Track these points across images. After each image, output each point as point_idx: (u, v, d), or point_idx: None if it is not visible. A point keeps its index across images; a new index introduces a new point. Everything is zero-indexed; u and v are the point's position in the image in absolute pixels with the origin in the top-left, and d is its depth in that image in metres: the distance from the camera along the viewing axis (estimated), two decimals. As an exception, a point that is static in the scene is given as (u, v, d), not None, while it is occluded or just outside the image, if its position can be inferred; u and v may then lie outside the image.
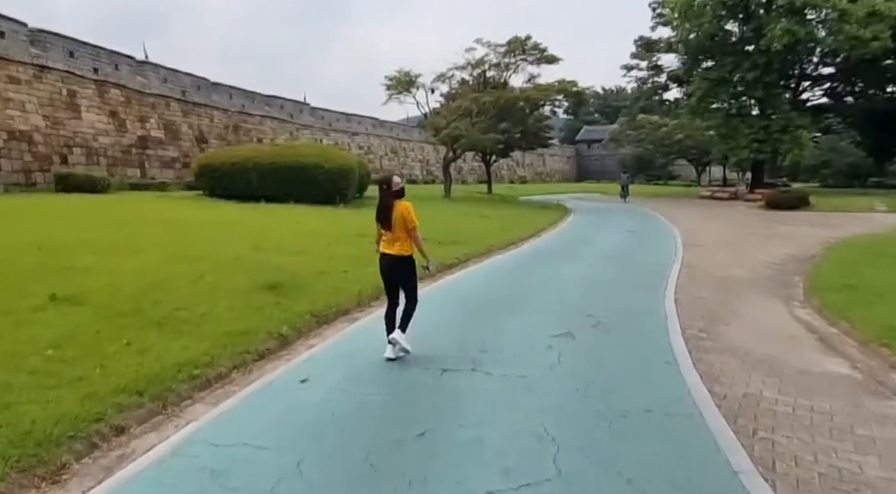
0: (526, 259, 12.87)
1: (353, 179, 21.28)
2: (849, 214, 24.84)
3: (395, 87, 27.88)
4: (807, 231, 18.62)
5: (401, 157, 55.43)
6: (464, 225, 17.84)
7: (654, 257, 13.23)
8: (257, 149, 21.18)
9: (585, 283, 10.13)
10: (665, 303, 8.69)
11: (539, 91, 28.48)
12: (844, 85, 46.12)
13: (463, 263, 12.28)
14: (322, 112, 47.32)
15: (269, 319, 6.96)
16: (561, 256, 13.29)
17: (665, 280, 10.42)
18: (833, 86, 46.15)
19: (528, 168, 73.16)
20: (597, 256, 13.39)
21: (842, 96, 46.84)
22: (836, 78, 44.29)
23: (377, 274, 8.82)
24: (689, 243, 15.44)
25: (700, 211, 26.99)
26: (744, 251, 14.12)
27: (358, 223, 15.93)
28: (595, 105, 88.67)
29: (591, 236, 17.40)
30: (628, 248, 14.90)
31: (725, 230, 18.81)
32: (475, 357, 6.07)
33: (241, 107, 39.22)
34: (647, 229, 19.59)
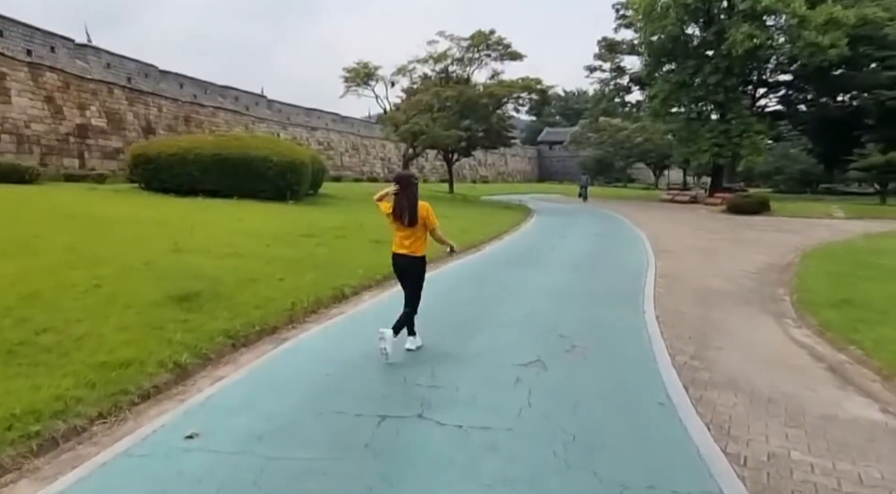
0: (488, 266, 11.59)
1: (306, 175, 19.68)
2: (809, 219, 24.46)
3: (353, 79, 26.30)
4: (774, 237, 17.92)
5: (362, 154, 53.72)
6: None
7: (626, 264, 12.13)
8: (199, 139, 19.37)
9: (554, 294, 8.90)
10: (645, 320, 7.52)
11: (503, 87, 27.28)
12: (797, 93, 46.60)
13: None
14: (279, 105, 45.24)
15: (168, 342, 5.46)
16: (526, 262, 12.07)
17: (641, 291, 9.28)
18: (787, 94, 46.56)
19: (490, 168, 72.25)
20: (564, 262, 12.21)
21: (794, 104, 47.33)
22: (791, 86, 44.64)
23: (318, 283, 7.49)
24: (658, 248, 14.43)
25: (663, 215, 26.26)
26: (717, 259, 13.17)
27: (307, 222, 14.41)
28: (557, 107, 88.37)
29: (557, 239, 16.26)
30: (597, 253, 13.80)
31: (693, 235, 17.95)
32: (424, 397, 4.74)
33: (192, 97, 36.95)
34: (614, 232, 18.59)
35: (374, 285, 9.22)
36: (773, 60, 39.14)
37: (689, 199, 36.03)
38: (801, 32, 31.15)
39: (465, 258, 12.65)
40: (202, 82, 38.09)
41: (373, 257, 10.93)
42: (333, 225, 14.20)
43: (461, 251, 13.33)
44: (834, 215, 25.76)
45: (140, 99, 32.74)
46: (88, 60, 29.40)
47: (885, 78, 35.74)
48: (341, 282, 8.65)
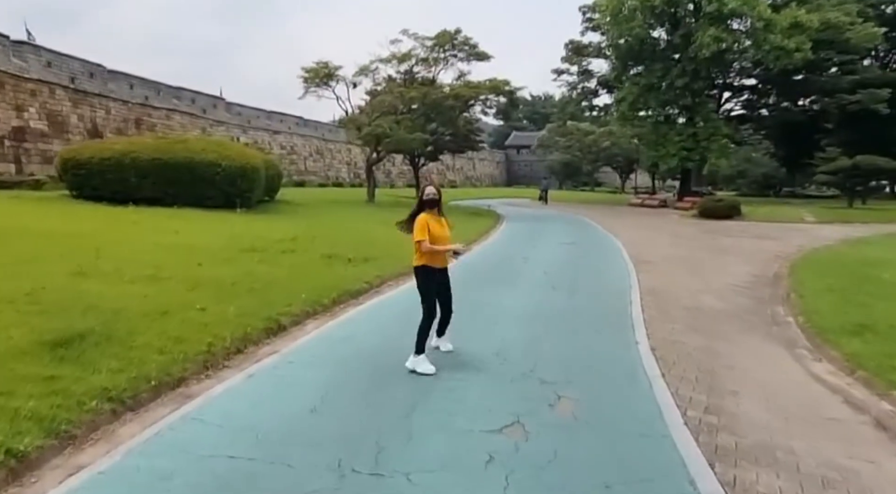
0: (453, 282, 10.20)
1: (259, 181, 18.04)
2: (781, 224, 23.77)
3: (312, 79, 24.67)
4: (753, 245, 16.99)
5: (326, 158, 51.94)
6: (383, 235, 15.04)
7: (607, 278, 10.90)
8: (138, 142, 17.52)
9: (529, 319, 7.58)
10: (640, 354, 6.25)
11: (469, 89, 25.97)
12: (760, 98, 46.62)
13: (375, 288, 9.51)
14: (239, 108, 43.25)
15: (11, 417, 3.93)
16: (496, 277, 10.73)
17: (628, 314, 8.03)
18: (750, 98, 46.52)
19: (458, 172, 71.15)
20: (538, 276, 10.92)
21: (757, 108, 47.33)
22: (754, 90, 44.58)
23: (249, 312, 6.09)
24: (638, 258, 13.27)
25: (635, 220, 25.31)
26: (701, 270, 12.05)
27: (253, 234, 12.84)
28: (524, 111, 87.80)
29: (528, 248, 15.00)
30: (573, 265, 12.55)
31: (670, 243, 16.91)
32: (362, 487, 3.35)
33: (144, 99, 34.81)
34: (588, 240, 17.43)
35: (320, 311, 7.77)
36: (738, 65, 38.88)
37: (659, 203, 35.34)
38: (766, 36, 30.73)
39: (429, 274, 11.29)
40: (154, 83, 35.93)
41: (323, 275, 9.48)
42: (283, 237, 12.65)
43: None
44: (805, 220, 25.17)
45: (85, 100, 30.51)
46: (26, 58, 27.14)
47: (847, 82, 35.69)
48: (279, 310, 7.18)
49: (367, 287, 9.33)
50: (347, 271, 10.06)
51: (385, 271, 10.47)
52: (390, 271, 10.53)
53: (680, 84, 32.65)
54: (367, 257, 11.37)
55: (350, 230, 15.42)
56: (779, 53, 30.81)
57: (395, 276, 10.46)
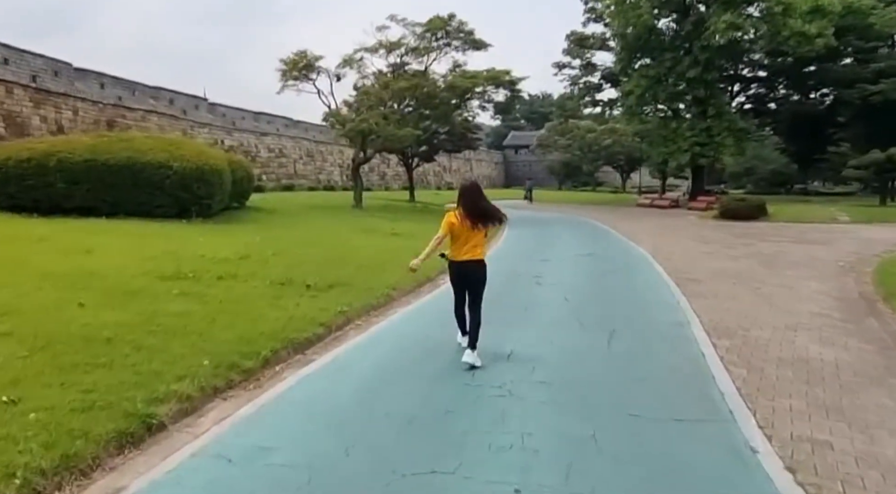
0: (444, 322, 7.37)
1: (221, 185, 15.21)
2: (816, 226, 20.99)
3: (290, 72, 21.84)
4: (802, 252, 14.19)
5: (318, 161, 49.08)
6: (362, 249, 12.23)
7: (650, 307, 8.06)
8: (69, 141, 14.60)
9: (555, 393, 4.76)
10: (771, 477, 3.43)
11: (466, 79, 23.09)
12: (769, 90, 43.92)
13: (335, 332, 6.69)
14: (223, 109, 40.34)
15: None
16: (502, 310, 7.88)
17: (708, 376, 5.21)
18: (759, 92, 43.81)
19: (455, 174, 68.29)
20: (558, 306, 8.11)
21: (766, 102, 44.63)
22: (764, 82, 41.86)
23: (104, 401, 3.37)
24: (677, 274, 10.46)
25: (652, 223, 22.50)
26: (765, 291, 9.23)
27: (194, 253, 10.00)
28: (522, 111, 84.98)
29: (539, 263, 12.17)
30: (600, 287, 9.71)
31: (707, 252, 14.08)
32: None
33: (117, 99, 31.96)
34: (608, 250, 14.58)
35: (237, 383, 4.96)
36: (749, 56, 36.18)
37: (670, 203, 32.55)
38: (786, 20, 28.07)
39: (416, 302, 8.47)
40: (129, 82, 33.07)
41: (262, 315, 6.66)
42: (230, 255, 9.81)
43: (410, 292, 9.16)
44: (838, 220, 22.39)
45: (49, 100, 27.65)
46: (-24, 54, 24.34)
47: (871, 71, 32.92)
48: (158, 390, 4.35)
49: (324, 332, 6.50)
50: (301, 305, 7.23)
51: (355, 302, 7.66)
52: (362, 303, 7.71)
53: (692, 75, 29.92)
54: (333, 283, 8.54)
55: (323, 243, 12.59)
56: (799, 39, 28.15)
57: (367, 310, 7.64)
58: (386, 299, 8.25)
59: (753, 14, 29.90)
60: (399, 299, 8.55)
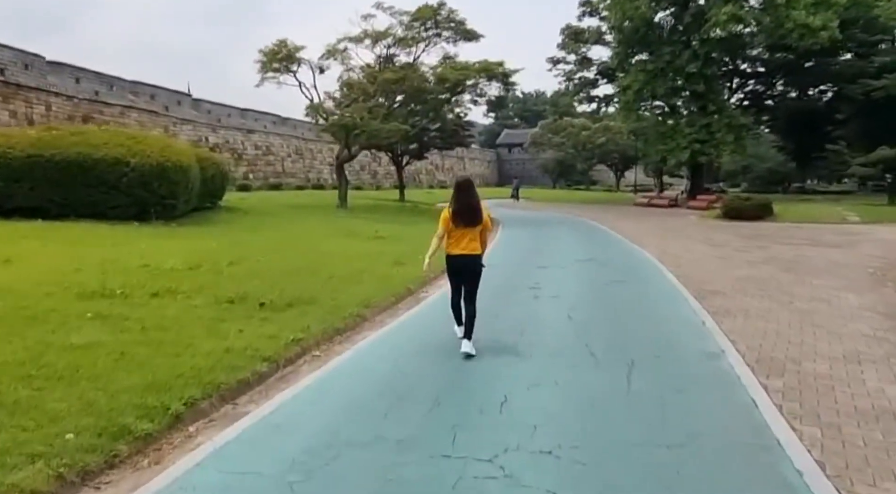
0: (424, 352, 5.92)
1: (187, 183, 13.72)
2: (826, 226, 19.70)
3: (270, 63, 20.32)
4: (820, 255, 12.84)
5: (307, 159, 47.52)
6: (337, 256, 10.77)
7: (670, 330, 6.64)
8: (9, 134, 13.01)
9: (566, 474, 3.34)
10: None
11: (456, 70, 21.55)
12: (767, 87, 42.64)
13: (284, 368, 5.26)
14: (208, 105, 38.75)
15: None
16: (494, 333, 6.47)
17: (768, 437, 3.82)
18: (756, 88, 42.50)
19: (447, 172, 66.84)
20: (561, 328, 6.70)
21: (763, 98, 43.36)
22: (761, 78, 40.56)
23: None
24: (695, 285, 9.07)
25: (653, 224, 21.14)
26: (802, 307, 7.84)
27: (136, 262, 8.53)
28: (515, 109, 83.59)
29: (536, 270, 10.77)
30: (608, 302, 8.29)
31: (719, 258, 12.70)
32: None
33: (93, 94, 30.33)
34: (611, 254, 13.17)
35: (124, 458, 3.51)
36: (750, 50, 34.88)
37: (669, 203, 31.23)
38: (788, 12, 26.74)
39: (392, 323, 7.05)
40: (107, 77, 31.44)
41: (195, 345, 5.22)
42: (176, 265, 8.35)
43: (386, 308, 7.75)
44: (848, 220, 21.11)
45: (19, 95, 26.01)
46: (-63, 45, 22.70)
47: (875, 66, 31.68)
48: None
49: (268, 370, 5.07)
50: (246, 331, 5.80)
51: (316, 325, 6.23)
52: (324, 326, 6.28)
53: (692, 69, 28.57)
54: (294, 300, 7.11)
55: (293, 249, 11.13)
56: (803, 32, 26.79)
57: (331, 335, 6.22)
58: (355, 320, 6.82)
59: (755, 6, 28.57)
60: (372, 319, 7.13)
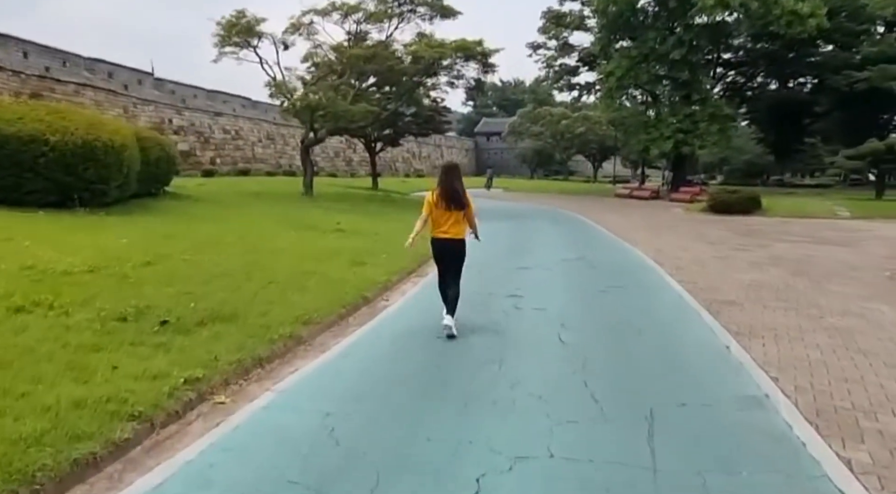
0: (372, 396, 4.34)
1: (121, 166, 11.85)
2: (818, 221, 18.60)
3: (228, 36, 18.36)
4: (826, 255, 11.57)
5: (278, 144, 45.28)
6: (286, 253, 9.09)
7: (694, 364, 5.14)
8: None
9: None
10: None
11: (431, 48, 19.76)
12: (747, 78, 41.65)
13: (161, 429, 3.62)
14: (172, 85, 36.31)
15: None
16: (460, 369, 4.91)
17: None
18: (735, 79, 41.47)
19: (425, 161, 65.06)
20: (549, 357, 5.16)
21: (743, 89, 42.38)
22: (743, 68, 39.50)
23: None
24: (704, 294, 7.64)
25: (638, 216, 19.83)
26: (837, 324, 6.46)
27: (42, 259, 6.79)
28: (494, 97, 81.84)
29: (517, 273, 9.24)
30: (605, 316, 6.76)
31: (718, 257, 11.32)
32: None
33: (44, 70, 27.85)
34: (601, 252, 11.67)
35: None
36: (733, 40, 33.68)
37: (651, 195, 30.02)
38: (778, -1, 25.51)
39: (336, 347, 5.44)
40: (59, 52, 28.94)
41: (31, 396, 3.54)
42: (71, 267, 6.62)
43: (331, 325, 6.14)
44: (839, 215, 20.07)
45: (-46, 68, 23.62)
46: None
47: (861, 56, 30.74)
48: None
49: (135, 436, 3.43)
50: (126, 366, 4.15)
51: (231, 353, 4.61)
52: (242, 355, 4.65)
53: (676, 56, 27.24)
54: (209, 316, 5.47)
55: (235, 245, 9.41)
56: (791, 19, 25.62)
57: (249, 367, 4.60)
58: (287, 344, 5.19)
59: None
60: (310, 340, 5.51)
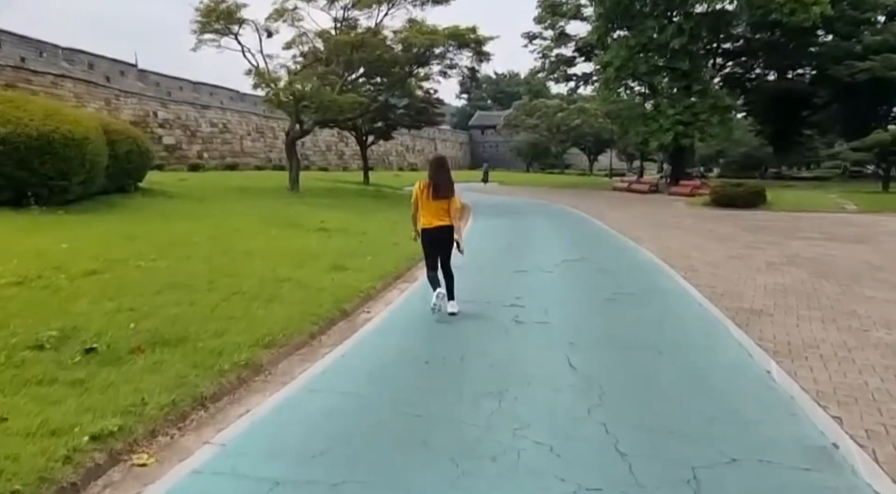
0: (338, 442, 3.40)
1: (83, 160, 10.80)
2: (826, 215, 17.76)
3: (207, 23, 17.29)
4: (846, 254, 10.68)
5: (268, 137, 44.10)
6: (258, 256, 8.11)
7: (734, 399, 4.21)
8: None
9: None
10: None
11: (422, 35, 18.72)
12: (745, 70, 40.78)
13: None
14: (156, 77, 35.12)
15: None
16: (454, 407, 3.98)
17: None
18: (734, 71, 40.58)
19: (419, 154, 63.98)
20: (557, 393, 4.22)
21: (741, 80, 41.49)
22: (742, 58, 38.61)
23: None
24: (726, 302, 6.74)
25: (639, 211, 18.93)
26: (885, 339, 5.56)
27: None
28: (489, 90, 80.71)
29: (513, 277, 8.32)
30: (620, 333, 5.77)
31: (732, 256, 10.41)
32: None
33: (18, 60, 26.63)
34: (604, 252, 10.74)
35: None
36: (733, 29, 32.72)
37: (650, 188, 29.12)
38: (781, -15, 24.57)
39: (301, 377, 4.48)
40: (35, 42, 27.72)
41: None
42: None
43: (300, 347, 5.19)
44: (846, 209, 19.24)
45: (-79, 58, 22.40)
46: None
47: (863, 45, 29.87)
48: None
49: None
50: (17, 417, 3.19)
51: (162, 395, 3.64)
52: (173, 397, 3.67)
53: (676, 45, 26.29)
54: (151, 340, 4.53)
55: (200, 249, 8.42)
56: (794, 6, 24.67)
57: (185, 414, 3.62)
58: (241, 376, 4.24)
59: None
60: (271, 368, 4.56)
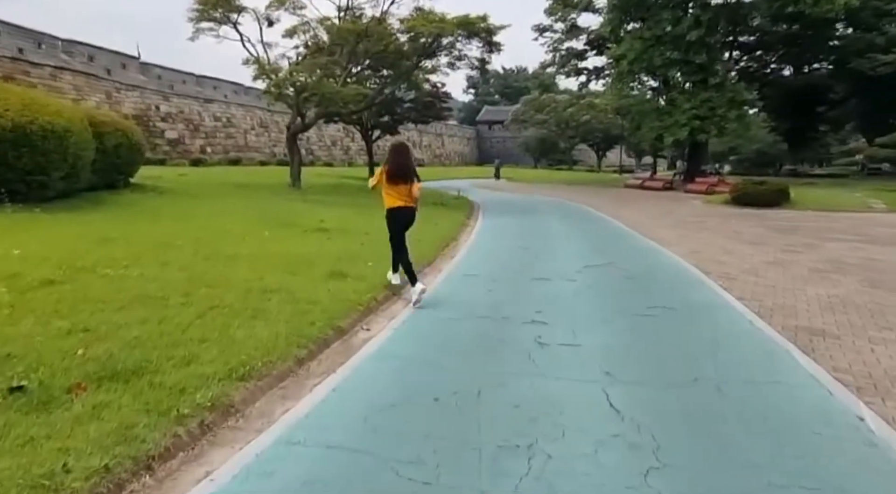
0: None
1: (66, 154, 10.00)
2: (854, 215, 16.76)
3: (206, 11, 16.45)
4: (891, 258, 9.73)
5: (273, 132, 43.32)
6: (245, 262, 7.26)
7: (829, 464, 3.33)
8: None
9: None
10: None
11: (430, 23, 17.81)
12: (760, 65, 39.54)
13: None
14: (159, 70, 34.40)
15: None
16: (473, 453, 3.11)
17: None
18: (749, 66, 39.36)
19: (425, 150, 63.10)
20: (597, 445, 3.35)
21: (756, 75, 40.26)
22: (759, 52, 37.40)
23: None
24: (783, 321, 5.86)
25: (658, 210, 18.00)
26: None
27: None
28: (496, 85, 79.57)
29: (531, 284, 7.43)
30: (666, 367, 4.91)
31: (768, 262, 9.48)
32: None
33: (16, 51, 25.95)
34: (630, 258, 9.78)
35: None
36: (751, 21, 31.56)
37: (664, 185, 28.11)
38: (804, -25, 23.46)
39: (287, 416, 3.62)
40: (34, 33, 27.03)
41: None
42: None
43: (284, 377, 4.34)
44: (874, 208, 18.23)
45: (-86, 48, 21.70)
46: None
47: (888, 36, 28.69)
48: None
49: None
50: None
51: (91, 457, 2.77)
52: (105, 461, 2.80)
53: (693, 37, 25.21)
54: (98, 373, 3.66)
55: (181, 252, 7.58)
56: (818, -3, 23.56)
57: (121, 480, 2.78)
58: (205, 422, 3.38)
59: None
60: (245, 408, 3.70)
